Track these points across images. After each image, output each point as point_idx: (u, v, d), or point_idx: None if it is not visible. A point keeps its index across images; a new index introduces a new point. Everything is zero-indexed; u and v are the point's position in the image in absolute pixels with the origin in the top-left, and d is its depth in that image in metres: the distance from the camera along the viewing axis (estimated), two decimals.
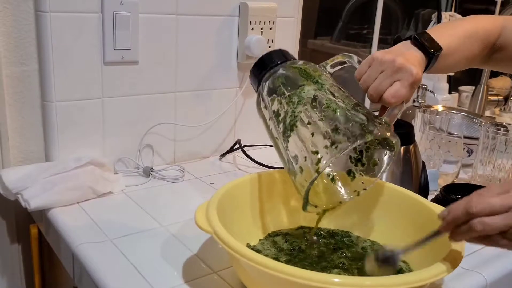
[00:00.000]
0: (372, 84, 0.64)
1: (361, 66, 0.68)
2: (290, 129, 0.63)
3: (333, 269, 0.62)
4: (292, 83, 0.66)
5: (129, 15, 0.87)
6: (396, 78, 0.63)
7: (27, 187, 0.78)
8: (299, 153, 0.61)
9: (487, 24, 0.78)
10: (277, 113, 0.65)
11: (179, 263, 0.66)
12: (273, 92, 0.67)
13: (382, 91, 0.63)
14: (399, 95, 0.62)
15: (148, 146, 0.97)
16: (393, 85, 0.63)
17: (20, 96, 0.83)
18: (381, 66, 0.65)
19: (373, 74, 0.65)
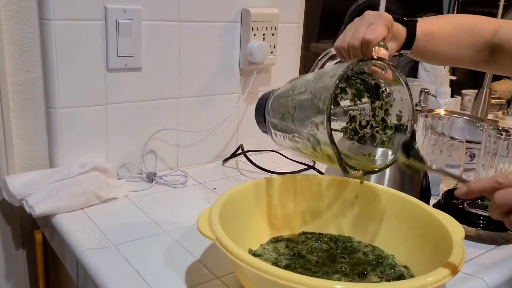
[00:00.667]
0: (350, 37, 0.66)
1: (338, 38, 0.70)
2: (295, 109, 0.64)
3: (334, 275, 0.63)
4: (284, 91, 0.69)
5: (132, 22, 0.87)
6: (369, 23, 0.66)
7: (31, 193, 0.78)
8: (309, 115, 0.61)
9: (481, 20, 0.80)
10: (282, 117, 0.67)
11: (182, 268, 0.66)
12: (274, 110, 0.70)
13: (360, 34, 0.65)
14: (375, 30, 0.64)
15: (151, 151, 0.98)
16: (368, 28, 0.65)
17: (25, 103, 0.84)
18: (353, 24, 0.68)
19: (348, 32, 0.68)
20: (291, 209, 0.74)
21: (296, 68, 1.18)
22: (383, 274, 0.63)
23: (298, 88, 0.66)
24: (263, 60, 1.04)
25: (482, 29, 0.79)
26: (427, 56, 0.78)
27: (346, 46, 0.67)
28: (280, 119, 0.68)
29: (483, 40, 0.79)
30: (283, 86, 0.72)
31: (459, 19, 0.80)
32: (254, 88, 1.09)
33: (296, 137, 0.66)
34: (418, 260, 0.64)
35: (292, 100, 0.65)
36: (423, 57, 0.79)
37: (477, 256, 0.73)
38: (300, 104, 0.63)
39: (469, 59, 0.80)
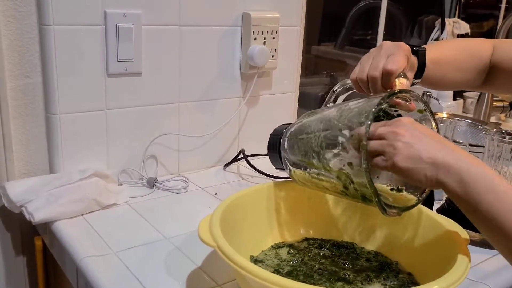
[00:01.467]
0: (370, 67, 0.66)
1: (354, 70, 0.69)
2: (321, 148, 0.63)
3: (337, 282, 0.62)
4: (303, 126, 0.68)
5: (132, 27, 0.87)
6: (389, 53, 0.66)
7: (31, 199, 0.78)
8: (341, 156, 0.60)
9: (478, 42, 0.82)
10: (305, 154, 0.66)
11: (183, 276, 0.65)
12: (293, 147, 0.69)
13: (381, 66, 0.65)
14: (397, 60, 0.64)
15: (152, 157, 0.97)
16: (388, 58, 0.65)
17: (24, 108, 0.84)
18: (370, 55, 0.68)
19: (366, 63, 0.67)
20: (293, 215, 0.73)
21: (298, 72, 1.17)
22: (386, 281, 0.63)
23: (321, 124, 0.64)
24: (264, 64, 1.03)
25: (481, 51, 0.80)
26: (436, 83, 0.79)
27: (365, 77, 0.66)
28: (303, 156, 0.66)
29: (484, 62, 0.80)
30: (298, 121, 0.70)
31: (460, 43, 0.82)
32: (255, 92, 1.08)
33: (322, 175, 0.64)
34: (423, 267, 0.63)
35: (316, 137, 0.63)
36: (431, 84, 0.79)
37: (482, 262, 0.72)
38: (328, 140, 0.62)
39: (472, 81, 0.82)
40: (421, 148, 0.53)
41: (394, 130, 0.55)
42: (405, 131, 0.55)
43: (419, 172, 0.53)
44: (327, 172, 0.63)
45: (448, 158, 0.53)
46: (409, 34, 1.87)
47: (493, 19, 2.13)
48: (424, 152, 0.53)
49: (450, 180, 0.52)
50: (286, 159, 0.71)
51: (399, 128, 0.55)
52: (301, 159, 0.67)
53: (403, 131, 0.55)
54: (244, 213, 0.68)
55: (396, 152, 0.54)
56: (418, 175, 0.53)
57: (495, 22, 2.12)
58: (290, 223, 0.73)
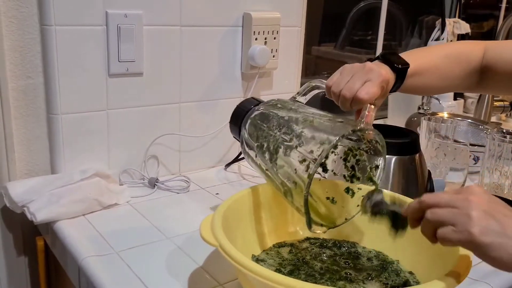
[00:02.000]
0: (345, 85, 0.67)
1: (333, 76, 0.70)
2: (275, 152, 0.65)
3: (339, 281, 0.62)
4: (268, 116, 0.70)
5: (134, 27, 0.87)
6: (367, 78, 0.67)
7: (33, 199, 0.78)
8: (290, 170, 0.63)
9: (467, 46, 0.81)
10: (260, 146, 0.68)
11: (184, 275, 0.65)
12: (252, 131, 0.71)
13: (355, 89, 0.65)
14: (371, 91, 0.65)
15: (153, 157, 0.98)
16: (364, 85, 0.66)
17: (26, 109, 0.84)
18: (352, 70, 0.68)
19: (345, 77, 0.68)
20: (294, 214, 0.73)
21: (298, 72, 1.17)
22: (388, 280, 0.63)
23: (284, 128, 0.66)
24: (265, 64, 1.04)
25: (470, 55, 0.80)
26: (415, 91, 0.80)
27: (338, 93, 0.67)
28: (258, 147, 0.68)
29: (472, 66, 0.80)
30: (266, 106, 0.72)
31: (446, 50, 0.81)
32: (256, 92, 1.08)
33: (268, 171, 0.67)
34: (424, 266, 0.63)
35: (275, 140, 0.65)
36: (410, 91, 0.80)
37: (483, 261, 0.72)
38: (283, 150, 0.64)
39: (457, 86, 0.82)
40: (503, 220, 0.46)
41: (468, 197, 0.48)
42: (481, 199, 0.47)
43: (501, 248, 0.45)
44: (274, 174, 0.65)
45: None
46: (409, 34, 1.87)
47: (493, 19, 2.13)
48: (507, 225, 0.46)
49: None
50: (243, 137, 0.72)
51: (473, 196, 0.48)
52: (256, 148, 0.69)
53: (478, 199, 0.47)
54: (245, 213, 0.68)
55: (472, 223, 0.46)
56: (499, 251, 0.45)
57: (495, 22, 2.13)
58: (291, 223, 0.74)
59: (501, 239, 0.45)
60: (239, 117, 0.75)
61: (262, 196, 0.71)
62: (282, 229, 0.73)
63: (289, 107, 0.70)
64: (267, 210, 0.71)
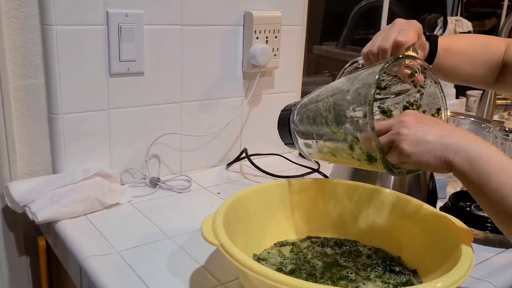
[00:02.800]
0: (381, 40, 0.67)
1: (366, 45, 0.70)
2: (329, 111, 0.63)
3: (340, 281, 0.62)
4: (311, 99, 0.68)
5: (134, 26, 0.87)
6: (400, 28, 0.67)
7: (34, 199, 0.78)
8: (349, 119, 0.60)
9: (492, 39, 0.82)
10: (313, 122, 0.66)
11: (186, 275, 0.65)
12: (302, 118, 0.69)
13: (392, 37, 0.66)
14: (407, 33, 0.65)
15: (154, 156, 0.97)
16: (399, 32, 0.66)
17: (27, 109, 0.84)
18: (383, 30, 0.69)
19: (378, 37, 0.68)
20: (296, 213, 0.73)
21: (300, 71, 1.17)
22: (390, 279, 0.62)
23: (331, 91, 0.65)
24: (266, 63, 1.03)
25: (494, 47, 0.80)
26: (446, 72, 0.79)
27: (375, 50, 0.67)
28: (311, 124, 0.67)
29: (496, 59, 0.80)
30: (309, 95, 0.71)
31: (474, 37, 0.83)
32: (257, 92, 1.08)
33: (328, 141, 0.65)
34: (427, 265, 0.63)
35: (325, 103, 0.64)
36: (441, 72, 0.79)
37: (486, 260, 0.72)
38: (336, 104, 0.62)
39: (483, 77, 0.81)
40: (427, 131, 0.54)
41: (400, 119, 0.56)
42: (411, 119, 0.55)
43: (426, 154, 0.53)
44: (334, 134, 0.63)
45: (456, 139, 0.53)
46: None
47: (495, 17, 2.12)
48: (431, 135, 0.53)
49: (459, 159, 0.52)
50: (295, 131, 0.71)
51: (405, 117, 0.56)
52: (310, 127, 0.67)
53: (408, 119, 0.55)
54: (247, 212, 0.68)
55: (402, 138, 0.54)
56: (425, 157, 0.53)
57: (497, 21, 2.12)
58: (292, 222, 0.73)
59: (426, 147, 0.53)
60: (285, 119, 0.74)
61: (263, 195, 0.71)
62: (283, 228, 0.72)
63: (324, 85, 0.70)
64: (268, 209, 0.71)
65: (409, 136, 0.54)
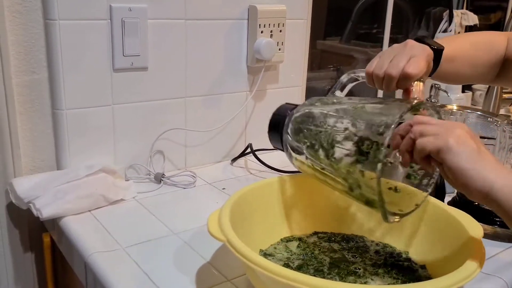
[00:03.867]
0: (389, 65, 0.63)
1: (372, 61, 0.66)
2: (331, 146, 0.62)
3: (348, 276, 0.61)
4: (311, 115, 0.67)
5: (138, 21, 0.86)
6: (411, 54, 0.63)
7: (38, 196, 0.77)
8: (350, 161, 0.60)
9: (493, 36, 0.80)
10: (311, 146, 0.65)
11: (192, 271, 0.65)
12: (298, 133, 0.67)
13: (401, 66, 0.62)
14: (418, 66, 0.62)
15: (159, 152, 0.97)
16: (410, 60, 0.62)
17: (31, 104, 0.83)
18: (393, 51, 0.65)
19: (386, 59, 0.64)
20: (302, 209, 0.73)
21: (305, 65, 1.16)
22: (398, 275, 0.62)
23: (332, 121, 0.63)
24: (271, 58, 1.02)
25: (497, 45, 0.79)
26: (446, 78, 0.77)
27: (381, 74, 0.63)
28: (308, 148, 0.65)
29: (498, 56, 0.79)
30: (305, 107, 0.69)
31: (475, 37, 0.80)
32: (262, 86, 1.07)
33: (326, 170, 0.64)
34: (435, 260, 0.62)
35: (327, 134, 0.62)
36: (442, 79, 0.78)
37: (495, 255, 0.71)
38: (340, 141, 0.61)
39: (485, 75, 0.80)
40: (479, 145, 0.51)
41: (454, 124, 0.52)
42: (464, 129, 0.52)
43: (471, 161, 0.49)
44: (334, 170, 0.62)
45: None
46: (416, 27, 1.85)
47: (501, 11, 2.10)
48: (482, 150, 0.50)
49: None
50: (288, 143, 0.70)
51: (458, 127, 0.52)
52: (306, 150, 0.66)
53: (461, 128, 0.52)
54: (253, 207, 0.67)
55: (452, 134, 0.51)
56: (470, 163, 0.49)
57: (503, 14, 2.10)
58: (299, 217, 0.73)
59: (473, 154, 0.49)
60: (278, 124, 0.71)
61: (270, 191, 0.70)
62: (289, 223, 0.72)
63: (331, 102, 0.67)
64: (274, 204, 0.71)
65: (460, 138, 0.50)
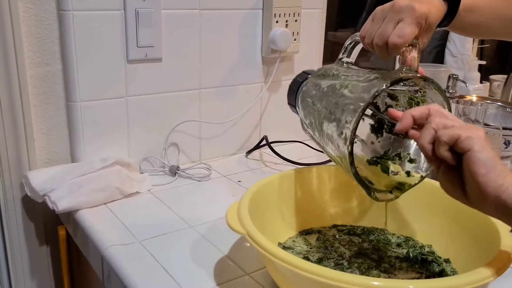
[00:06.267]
0: (376, 34, 0.60)
1: (365, 23, 0.63)
2: (320, 127, 0.61)
3: (370, 270, 0.60)
4: (312, 90, 0.65)
5: (152, 11, 0.85)
6: (398, 18, 0.59)
7: (54, 188, 0.77)
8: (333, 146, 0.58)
9: None
10: (310, 123, 0.64)
11: (209, 265, 0.64)
12: (304, 108, 0.66)
13: (387, 35, 0.59)
14: (404, 33, 0.58)
15: (173, 144, 0.96)
16: (396, 27, 0.59)
17: (44, 97, 0.82)
18: (383, 14, 0.60)
19: (376, 25, 0.61)
20: (321, 201, 0.71)
21: (320, 56, 1.14)
22: (422, 269, 0.60)
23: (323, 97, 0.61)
24: (286, 48, 1.00)
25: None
26: (466, 30, 0.72)
27: (371, 43, 0.61)
28: (309, 125, 0.65)
29: None
30: (312, 77, 0.67)
31: None
32: (277, 77, 1.06)
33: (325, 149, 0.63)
34: (460, 254, 0.60)
35: (318, 114, 0.61)
36: (461, 30, 0.72)
37: None
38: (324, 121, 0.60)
39: (510, 31, 0.73)
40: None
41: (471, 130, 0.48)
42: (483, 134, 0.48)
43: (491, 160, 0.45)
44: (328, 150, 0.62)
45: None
46: None
47: None
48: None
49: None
50: (300, 116, 0.68)
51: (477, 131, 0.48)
52: (309, 126, 0.65)
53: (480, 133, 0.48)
54: (270, 200, 0.66)
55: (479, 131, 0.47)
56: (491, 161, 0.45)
57: None
58: (317, 209, 0.71)
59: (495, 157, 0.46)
60: (292, 95, 0.69)
61: (286, 183, 0.69)
62: (307, 216, 0.70)
63: (331, 74, 0.64)
64: (292, 197, 0.69)
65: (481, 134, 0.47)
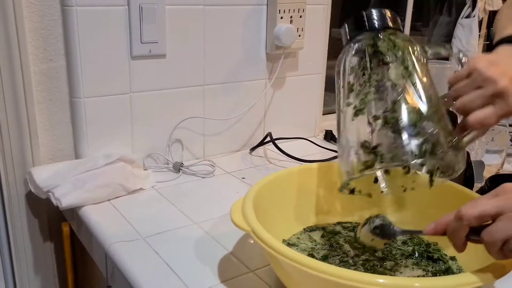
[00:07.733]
0: (463, 98, 0.55)
1: (460, 73, 0.58)
2: (355, 114, 0.58)
3: (375, 267, 0.59)
4: (379, 59, 0.59)
5: (156, 7, 0.84)
6: (491, 101, 0.53)
7: (57, 185, 0.77)
8: (352, 139, 0.57)
9: None
10: (350, 87, 0.60)
11: (214, 261, 0.63)
12: (356, 61, 0.61)
13: (471, 109, 0.54)
14: (486, 122, 0.53)
15: (177, 141, 0.95)
16: (484, 108, 0.53)
17: (48, 93, 0.82)
18: (481, 81, 0.54)
19: (468, 87, 0.55)
20: (325, 198, 0.71)
21: (325, 52, 1.14)
22: (428, 266, 0.59)
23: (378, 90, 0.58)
24: (291, 44, 1.00)
25: None
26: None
27: (454, 96, 0.56)
28: (348, 87, 0.61)
29: None
30: (384, 42, 0.60)
31: None
32: (281, 74, 1.05)
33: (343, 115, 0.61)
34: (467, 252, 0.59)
35: (364, 95, 0.58)
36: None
37: None
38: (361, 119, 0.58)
39: None
40: None
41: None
42: None
43: None
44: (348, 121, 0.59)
45: None
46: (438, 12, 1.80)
47: None
48: None
49: None
50: (345, 57, 0.63)
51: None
52: (344, 84, 0.62)
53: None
54: (274, 197, 0.65)
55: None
56: None
57: None
58: (321, 206, 0.71)
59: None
60: (358, 27, 0.63)
61: (292, 180, 0.68)
62: (312, 212, 0.70)
63: (406, 64, 0.58)
64: (296, 194, 0.69)
65: None
